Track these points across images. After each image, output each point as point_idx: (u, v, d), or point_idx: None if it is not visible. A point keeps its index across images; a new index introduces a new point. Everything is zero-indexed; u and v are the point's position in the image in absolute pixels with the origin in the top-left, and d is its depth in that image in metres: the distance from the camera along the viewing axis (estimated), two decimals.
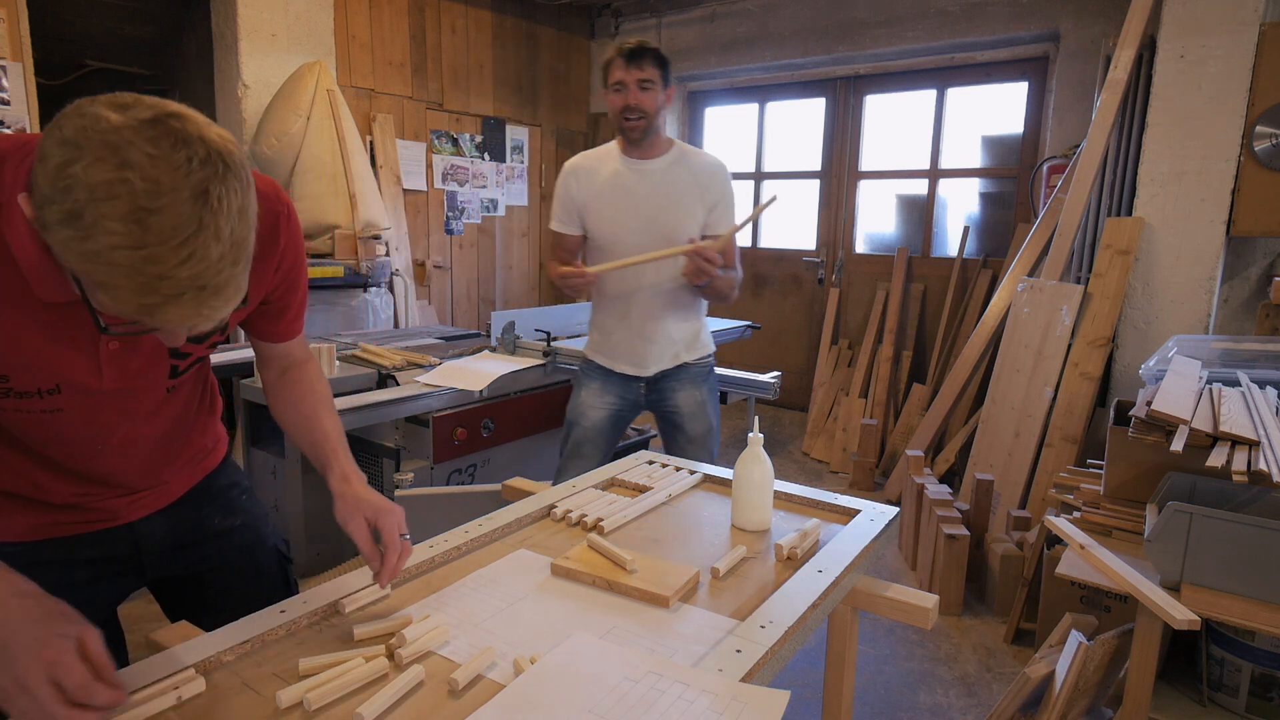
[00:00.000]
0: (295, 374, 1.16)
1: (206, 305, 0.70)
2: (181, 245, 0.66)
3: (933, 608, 1.13)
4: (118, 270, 0.65)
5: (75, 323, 0.85)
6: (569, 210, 2.20)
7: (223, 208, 0.68)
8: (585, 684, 0.82)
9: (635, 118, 2.04)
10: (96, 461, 1.02)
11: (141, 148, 0.65)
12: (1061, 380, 3.17)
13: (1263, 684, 1.56)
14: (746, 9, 5.06)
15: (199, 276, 0.67)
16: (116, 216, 0.63)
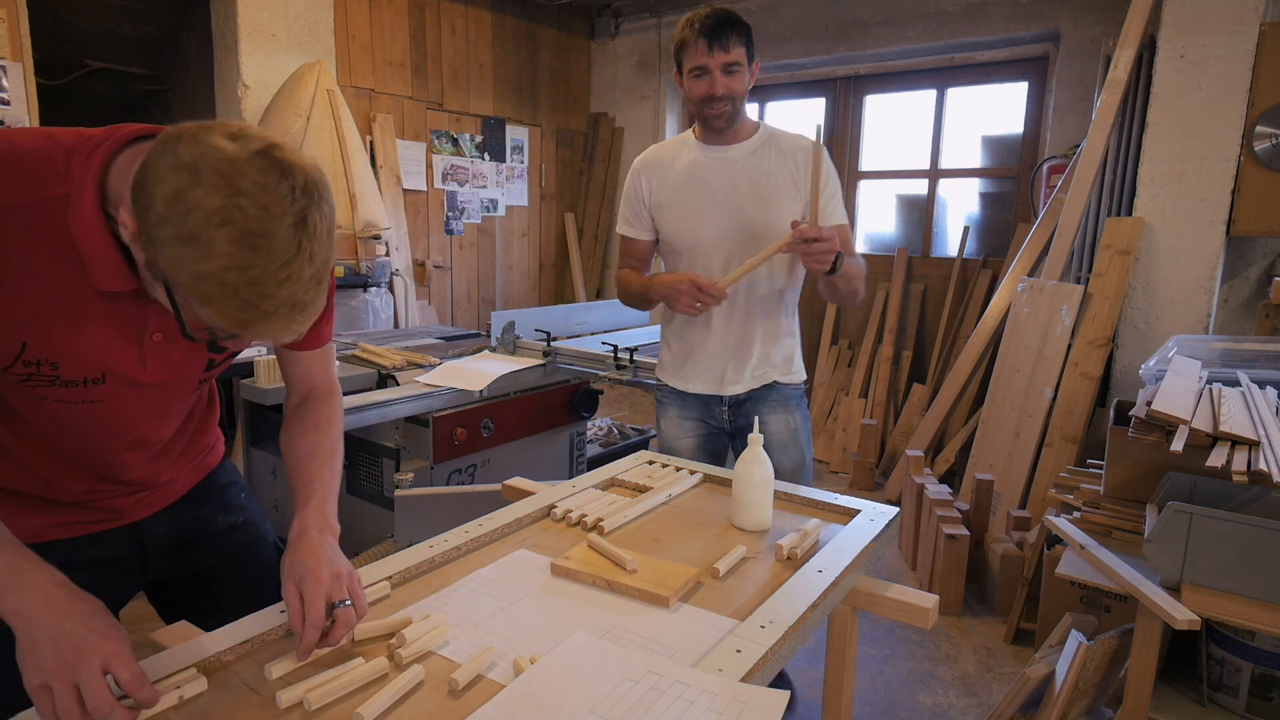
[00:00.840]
0: (310, 408, 1.12)
1: (295, 321, 0.76)
2: (282, 267, 0.71)
3: (933, 608, 1.13)
4: (225, 289, 0.70)
5: (125, 314, 0.89)
6: (638, 211, 1.93)
7: (317, 233, 0.74)
8: (585, 684, 0.82)
9: (722, 105, 1.74)
10: (116, 457, 1.03)
11: (252, 177, 0.70)
12: (1061, 380, 3.17)
13: (1263, 684, 1.56)
14: (746, 9, 5.06)
15: (293, 296, 0.74)
16: (229, 240, 0.69)
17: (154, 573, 1.16)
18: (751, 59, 1.76)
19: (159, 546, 1.15)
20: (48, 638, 0.75)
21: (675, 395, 1.96)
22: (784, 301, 1.89)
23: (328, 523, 0.98)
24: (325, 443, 1.09)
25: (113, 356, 0.91)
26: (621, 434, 3.67)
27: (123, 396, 0.95)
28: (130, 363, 0.92)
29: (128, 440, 1.02)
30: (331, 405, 1.14)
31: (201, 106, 4.49)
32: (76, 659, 0.73)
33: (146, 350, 0.93)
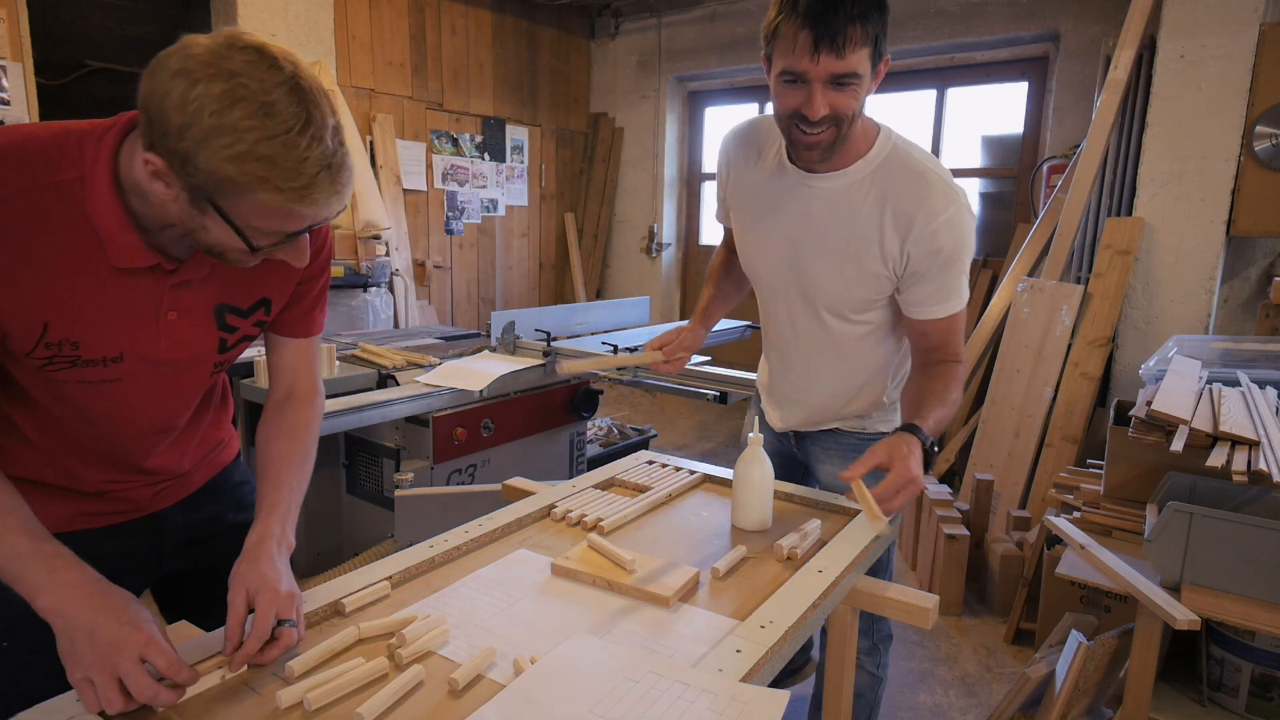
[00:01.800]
0: (291, 408, 1.13)
1: (339, 182, 0.81)
2: (302, 131, 0.76)
3: (933, 608, 1.13)
4: (266, 162, 0.75)
5: (141, 292, 0.92)
6: (720, 193, 1.56)
7: (313, 95, 0.78)
8: (585, 684, 0.82)
9: (819, 130, 1.21)
10: (135, 442, 1.05)
11: (236, 59, 0.76)
12: (1061, 380, 3.17)
13: (1263, 684, 1.56)
14: (746, 9, 5.06)
15: (325, 156, 0.78)
16: (246, 115, 0.74)
17: (168, 566, 1.18)
18: (880, 57, 1.19)
19: (175, 539, 1.17)
20: (84, 634, 0.78)
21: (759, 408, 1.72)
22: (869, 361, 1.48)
23: (285, 536, 0.98)
24: (299, 449, 1.09)
25: (130, 334, 0.94)
26: (621, 434, 3.67)
27: (140, 375, 0.97)
28: (147, 340, 0.95)
29: (145, 422, 1.04)
30: (311, 408, 1.14)
31: None
32: (113, 652, 0.77)
33: (162, 328, 0.96)
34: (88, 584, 0.82)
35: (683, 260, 6.05)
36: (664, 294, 5.89)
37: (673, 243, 5.93)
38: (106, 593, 0.82)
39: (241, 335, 1.06)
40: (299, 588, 0.94)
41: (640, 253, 5.90)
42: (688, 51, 5.41)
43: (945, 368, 1.35)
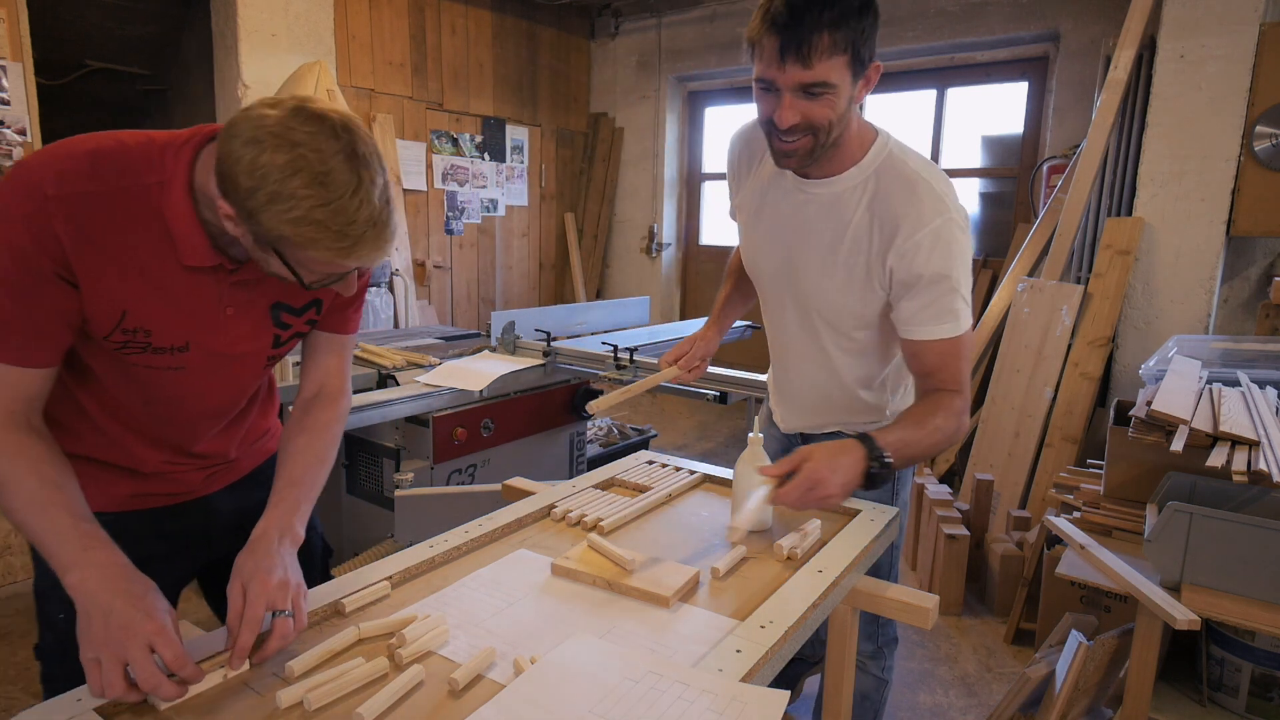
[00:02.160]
0: (318, 407, 1.17)
1: (382, 239, 0.89)
2: (353, 195, 0.84)
3: (933, 608, 1.13)
4: (318, 226, 0.83)
5: (205, 289, 1.00)
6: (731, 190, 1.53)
7: (367, 160, 0.86)
8: (585, 684, 0.82)
9: (792, 138, 1.20)
10: (191, 426, 1.13)
11: (300, 130, 0.83)
12: (1061, 380, 3.17)
13: (1263, 684, 1.56)
14: (746, 9, 5.06)
15: (373, 217, 0.86)
16: (304, 184, 0.82)
17: (216, 549, 1.23)
18: (864, 65, 1.16)
19: (223, 523, 1.22)
20: (100, 613, 0.81)
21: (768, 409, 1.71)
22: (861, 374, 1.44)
23: (291, 528, 1.00)
24: (319, 446, 1.13)
25: (195, 326, 1.01)
26: (621, 434, 3.67)
27: (202, 365, 1.05)
28: (210, 333, 1.03)
29: (203, 407, 1.11)
30: (337, 408, 1.19)
31: (201, 107, 4.49)
32: (124, 636, 0.79)
33: (222, 323, 1.03)
34: (115, 566, 0.86)
35: (683, 260, 6.05)
36: (664, 294, 5.89)
37: (673, 243, 5.93)
38: (130, 578, 0.86)
39: (294, 332, 1.13)
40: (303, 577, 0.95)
41: (640, 253, 5.90)
42: (688, 51, 5.41)
43: (939, 396, 1.27)
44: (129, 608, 0.82)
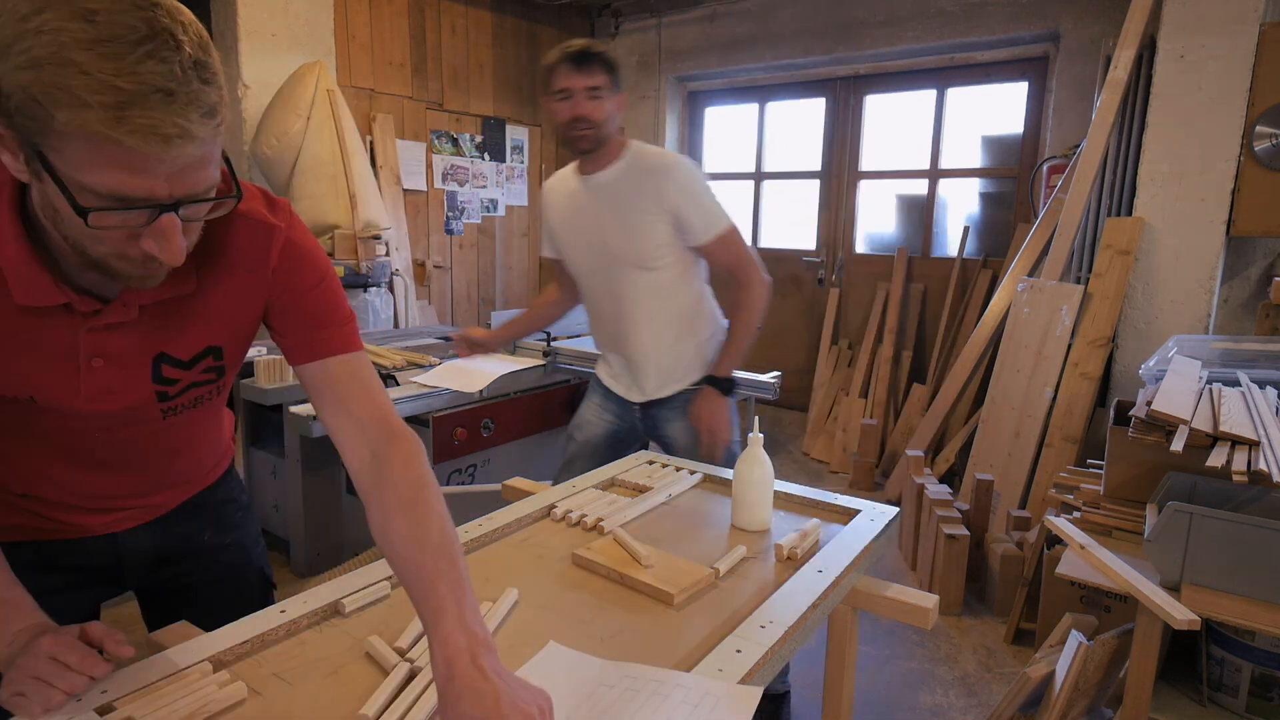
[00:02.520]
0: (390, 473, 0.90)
1: (180, 114, 0.63)
2: (138, 44, 0.62)
3: (933, 608, 1.13)
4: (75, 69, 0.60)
5: (54, 334, 0.82)
6: (546, 235, 2.10)
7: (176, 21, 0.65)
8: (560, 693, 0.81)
9: (584, 127, 1.81)
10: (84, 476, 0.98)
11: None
12: (1061, 380, 3.17)
13: (1263, 684, 1.56)
14: (746, 9, 5.06)
15: (165, 76, 0.63)
16: (61, 19, 0.60)
17: (132, 583, 1.13)
18: (617, 89, 1.83)
19: (138, 560, 1.10)
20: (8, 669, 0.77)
21: (600, 386, 2.12)
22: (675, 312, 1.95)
23: (478, 639, 0.73)
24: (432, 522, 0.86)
25: (38, 380, 0.84)
26: None
27: (61, 423, 0.89)
28: (61, 390, 0.85)
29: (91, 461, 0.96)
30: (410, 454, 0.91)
31: None
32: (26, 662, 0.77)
33: (83, 377, 0.85)
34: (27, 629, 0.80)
35: None
36: None
37: None
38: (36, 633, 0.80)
39: (187, 384, 0.94)
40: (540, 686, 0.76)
41: None
42: (688, 51, 5.41)
43: (742, 293, 1.91)
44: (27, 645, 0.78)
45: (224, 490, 1.19)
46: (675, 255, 1.89)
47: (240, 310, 0.93)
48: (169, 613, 1.10)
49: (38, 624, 0.82)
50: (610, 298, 1.97)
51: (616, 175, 1.89)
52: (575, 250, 2.00)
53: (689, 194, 1.85)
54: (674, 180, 1.84)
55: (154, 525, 1.09)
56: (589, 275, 2.00)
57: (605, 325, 2.04)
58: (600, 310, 2.04)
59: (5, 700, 0.76)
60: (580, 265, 2.01)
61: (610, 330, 2.03)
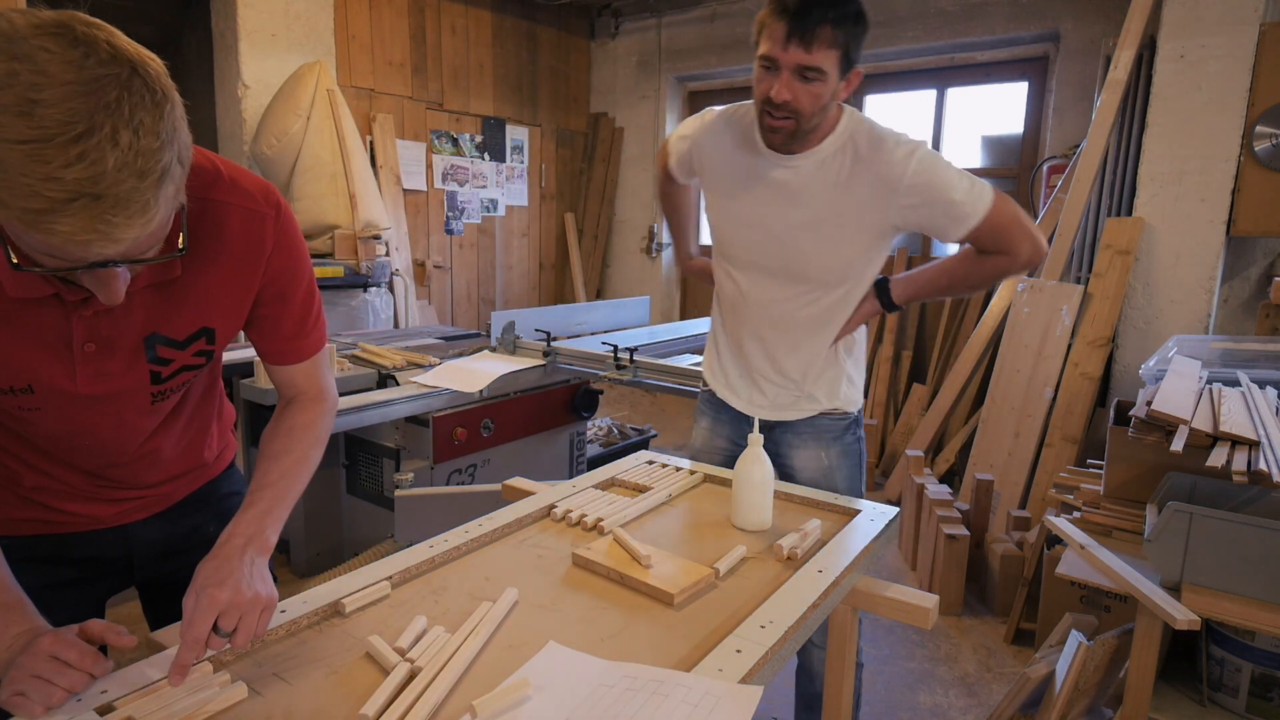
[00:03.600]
0: (292, 411, 1.07)
1: (103, 220, 0.64)
2: (71, 143, 0.62)
3: (933, 608, 1.13)
4: (2, 168, 0.61)
5: (48, 322, 0.85)
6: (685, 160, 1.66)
7: (122, 111, 0.64)
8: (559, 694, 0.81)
9: (781, 116, 1.36)
10: (90, 461, 1.01)
11: (39, 44, 0.63)
12: (1061, 380, 3.17)
13: (1263, 684, 1.56)
14: (746, 9, 5.05)
15: (92, 181, 0.63)
16: (4, 106, 0.61)
17: (142, 575, 1.15)
18: (850, 65, 1.34)
19: (147, 552, 1.13)
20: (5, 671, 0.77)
21: (711, 403, 1.74)
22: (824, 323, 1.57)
23: (261, 535, 0.90)
24: (297, 448, 1.03)
25: (37, 367, 0.86)
26: (621, 434, 3.67)
27: (60, 408, 0.91)
28: (58, 375, 0.88)
29: (88, 445, 0.98)
30: (312, 411, 1.08)
31: (201, 106, 4.49)
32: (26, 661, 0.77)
33: (78, 362, 0.88)
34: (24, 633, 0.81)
35: None
36: (664, 294, 5.89)
37: (673, 243, 5.93)
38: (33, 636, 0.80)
39: (179, 366, 0.97)
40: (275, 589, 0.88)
41: (640, 253, 5.90)
42: (688, 51, 5.41)
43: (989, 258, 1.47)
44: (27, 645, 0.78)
45: (228, 484, 1.22)
46: (869, 267, 1.55)
47: (233, 294, 0.97)
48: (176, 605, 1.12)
49: (36, 627, 0.82)
50: (767, 304, 1.57)
51: (822, 161, 1.44)
52: (736, 237, 1.57)
53: (931, 197, 1.40)
54: (910, 184, 1.39)
55: (162, 517, 1.12)
56: (747, 270, 1.58)
57: (745, 327, 1.62)
58: (746, 313, 1.61)
59: (5, 700, 0.76)
60: (739, 255, 1.59)
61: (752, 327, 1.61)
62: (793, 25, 1.27)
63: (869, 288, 1.58)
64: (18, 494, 1.01)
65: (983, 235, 1.43)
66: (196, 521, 1.16)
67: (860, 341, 1.66)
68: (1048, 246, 1.44)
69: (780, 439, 1.65)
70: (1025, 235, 1.43)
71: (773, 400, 1.63)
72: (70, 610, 0.93)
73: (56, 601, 0.90)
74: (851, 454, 1.65)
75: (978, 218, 1.41)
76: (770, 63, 1.32)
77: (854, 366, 1.64)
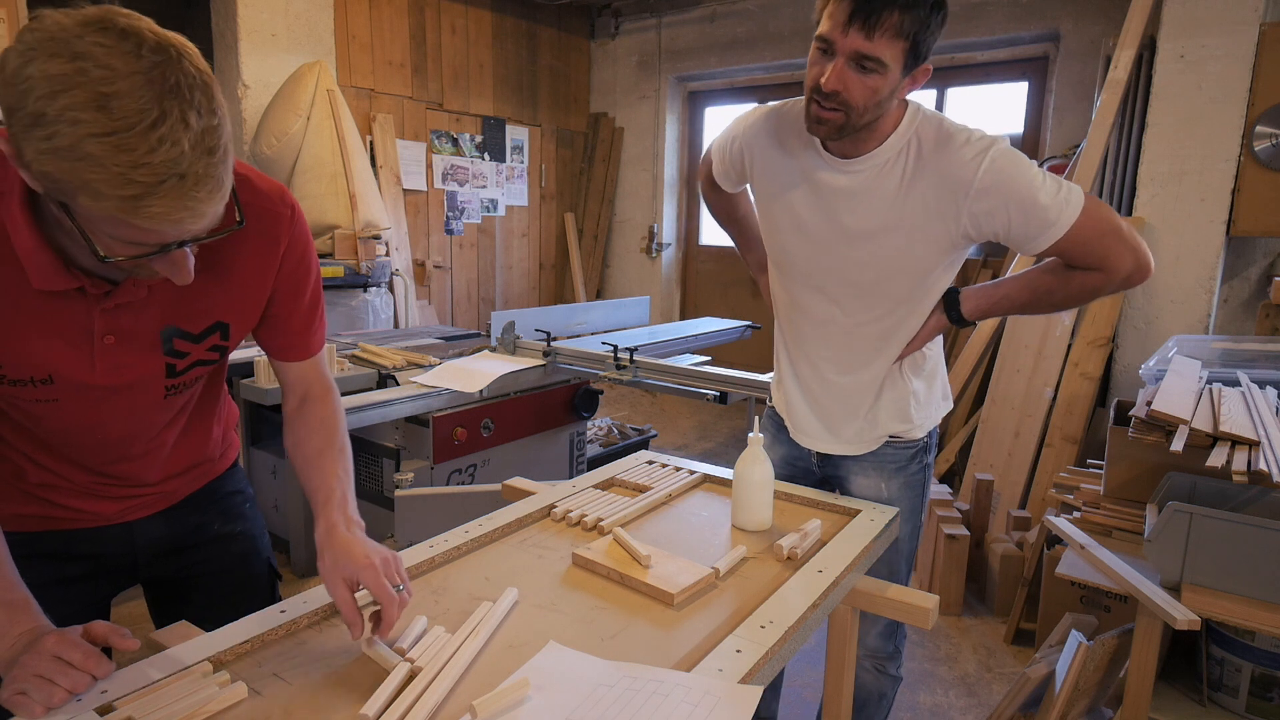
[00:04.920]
0: (310, 409, 1.10)
1: (190, 197, 0.70)
2: (149, 130, 0.66)
3: (933, 608, 1.13)
4: (92, 163, 0.65)
5: (69, 315, 0.87)
6: (735, 162, 1.48)
7: (183, 94, 0.68)
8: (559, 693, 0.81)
9: (830, 107, 1.20)
10: (96, 456, 1.02)
11: (93, 40, 0.66)
12: (1061, 380, 3.17)
13: (1263, 684, 1.56)
14: (746, 9, 5.06)
15: (175, 163, 0.67)
16: (79, 106, 0.64)
17: (146, 573, 1.16)
18: (918, 60, 1.21)
19: (152, 548, 1.14)
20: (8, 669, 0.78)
21: (774, 420, 1.61)
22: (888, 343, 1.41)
23: (353, 519, 0.98)
24: (334, 440, 1.08)
25: (57, 358, 0.89)
26: (621, 434, 3.67)
27: (77, 399, 0.93)
28: (78, 366, 0.90)
29: (98, 439, 1.00)
30: (331, 403, 1.12)
31: None
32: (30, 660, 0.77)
33: (97, 353, 0.91)
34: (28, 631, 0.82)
35: (683, 260, 6.04)
36: (664, 294, 5.89)
37: (673, 243, 5.93)
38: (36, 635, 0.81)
39: (194, 360, 1.00)
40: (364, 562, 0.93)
41: (640, 253, 5.90)
42: (688, 51, 5.41)
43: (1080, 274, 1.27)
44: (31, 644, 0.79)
45: (231, 482, 1.24)
46: (937, 283, 1.36)
47: (248, 291, 1.00)
48: (180, 603, 1.16)
49: (40, 626, 0.83)
50: (823, 321, 1.43)
51: (881, 168, 1.28)
52: (787, 246, 1.42)
53: (1007, 200, 1.22)
54: (981, 186, 1.22)
55: (166, 514, 1.14)
56: (799, 282, 1.44)
57: (800, 345, 1.49)
58: (800, 329, 1.48)
59: (7, 699, 0.76)
60: (790, 266, 1.44)
61: (805, 354, 1.48)
62: (857, 6, 1.12)
63: (937, 300, 1.39)
64: (22, 489, 1.02)
65: (1073, 247, 1.24)
66: (200, 520, 1.18)
67: (933, 356, 1.47)
68: (1153, 263, 1.27)
69: (839, 463, 1.52)
70: (1127, 248, 1.23)
71: (833, 429, 1.48)
72: (75, 607, 0.95)
73: (62, 598, 0.92)
74: (914, 486, 1.48)
75: (1065, 226, 1.21)
76: (826, 45, 1.17)
77: (924, 385, 1.46)
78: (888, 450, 1.48)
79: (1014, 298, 1.35)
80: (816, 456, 1.54)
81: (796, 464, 1.57)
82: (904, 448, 1.48)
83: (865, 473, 1.50)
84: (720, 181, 1.58)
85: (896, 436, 1.47)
